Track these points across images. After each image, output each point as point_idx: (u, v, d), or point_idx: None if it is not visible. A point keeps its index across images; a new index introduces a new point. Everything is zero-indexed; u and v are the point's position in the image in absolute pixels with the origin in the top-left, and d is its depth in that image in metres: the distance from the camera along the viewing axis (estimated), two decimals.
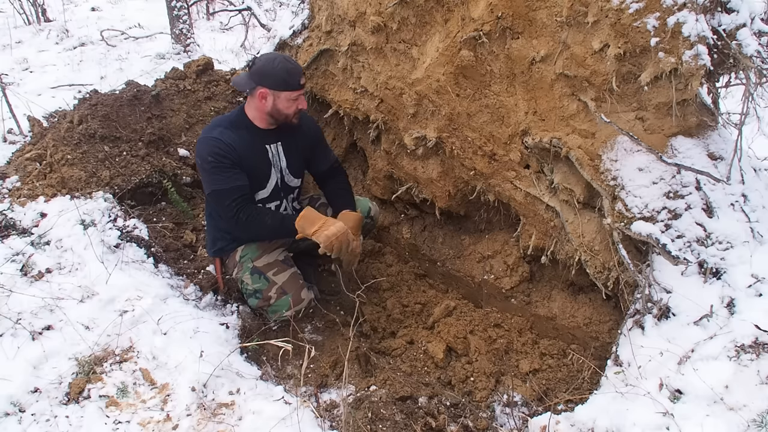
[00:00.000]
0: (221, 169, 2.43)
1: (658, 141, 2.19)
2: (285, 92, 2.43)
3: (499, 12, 2.27)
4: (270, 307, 2.57)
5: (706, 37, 1.93)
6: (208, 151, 2.43)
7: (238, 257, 2.62)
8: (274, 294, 2.54)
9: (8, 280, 2.44)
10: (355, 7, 2.82)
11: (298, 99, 2.48)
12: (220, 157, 2.41)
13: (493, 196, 2.82)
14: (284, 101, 2.45)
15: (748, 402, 1.67)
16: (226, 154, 2.42)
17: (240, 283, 2.63)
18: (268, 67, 2.41)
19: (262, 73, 2.42)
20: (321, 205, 2.88)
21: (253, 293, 2.58)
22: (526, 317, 2.84)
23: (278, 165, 2.64)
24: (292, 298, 2.55)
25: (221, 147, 2.42)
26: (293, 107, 2.49)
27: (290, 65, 2.44)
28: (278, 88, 2.42)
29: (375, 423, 2.13)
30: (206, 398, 2.09)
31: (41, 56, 6.48)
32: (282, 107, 2.47)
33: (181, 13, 6.52)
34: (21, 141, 3.83)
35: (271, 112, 2.49)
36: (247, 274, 2.57)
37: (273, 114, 2.50)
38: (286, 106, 2.47)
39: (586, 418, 1.85)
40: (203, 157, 2.44)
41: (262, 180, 2.60)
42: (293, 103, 2.48)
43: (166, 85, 3.66)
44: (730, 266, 1.98)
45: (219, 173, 2.43)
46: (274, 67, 2.41)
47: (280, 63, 2.42)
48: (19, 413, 1.98)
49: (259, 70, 2.42)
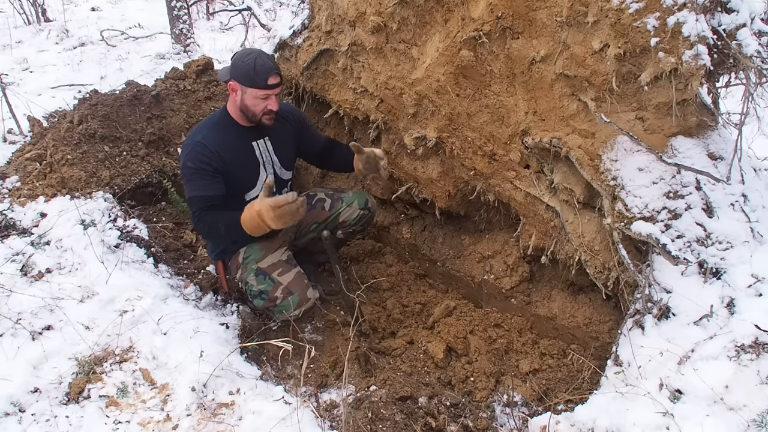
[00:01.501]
0: (198, 177, 2.39)
1: (658, 141, 2.19)
2: (251, 89, 2.36)
3: (499, 12, 2.27)
4: (276, 308, 2.56)
5: (706, 37, 1.93)
6: (189, 157, 2.39)
7: (241, 259, 2.61)
8: (281, 294, 2.54)
9: (8, 280, 2.44)
10: (355, 7, 2.82)
11: (267, 99, 2.40)
12: (200, 164, 2.38)
13: (493, 196, 2.82)
14: (251, 98, 2.39)
15: (748, 402, 1.67)
16: (209, 161, 2.39)
17: (244, 284, 2.60)
18: (240, 60, 2.36)
19: (234, 66, 2.38)
20: (318, 201, 2.88)
21: (259, 294, 2.56)
22: (526, 317, 2.84)
23: (269, 161, 2.60)
24: (299, 297, 2.54)
25: (204, 153, 2.39)
26: (261, 106, 2.41)
27: (261, 61, 2.34)
28: (245, 83, 2.36)
29: (375, 423, 2.13)
30: (206, 398, 2.09)
31: (41, 56, 6.47)
32: (249, 104, 2.41)
33: (181, 13, 6.52)
34: (21, 141, 3.83)
35: (241, 108, 2.44)
36: (252, 276, 2.56)
37: (243, 110, 2.45)
38: (253, 104, 2.40)
39: (586, 418, 1.85)
40: (184, 163, 2.41)
41: (252, 179, 2.57)
42: (261, 102, 2.40)
43: (166, 85, 3.66)
44: (730, 266, 1.98)
45: (194, 179, 2.39)
46: (245, 62, 2.34)
47: (253, 59, 2.34)
48: (19, 413, 1.98)
49: (234, 62, 2.38)
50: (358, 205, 2.87)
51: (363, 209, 2.88)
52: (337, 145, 2.94)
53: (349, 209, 2.86)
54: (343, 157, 2.85)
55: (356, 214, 2.87)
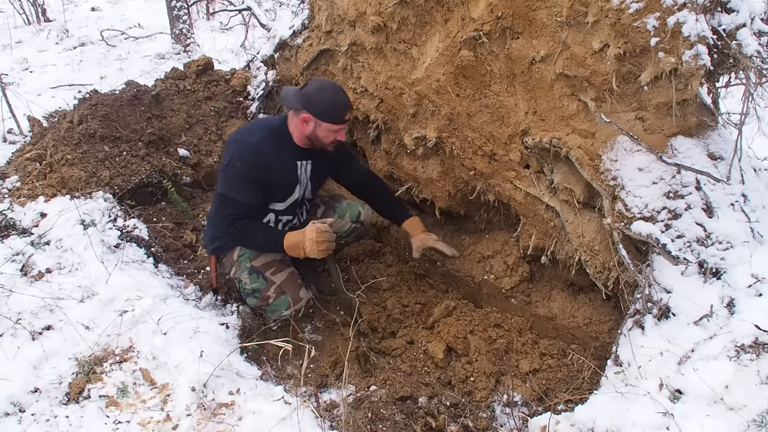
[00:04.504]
0: (242, 181, 2.41)
1: (658, 141, 2.19)
2: (327, 123, 2.42)
3: (499, 12, 2.27)
4: (269, 307, 2.57)
5: (706, 37, 1.93)
6: (240, 157, 2.40)
7: (236, 256, 2.61)
8: (273, 293, 2.55)
9: (8, 280, 2.44)
10: (355, 7, 2.83)
11: (338, 131, 2.47)
12: (248, 167, 2.40)
13: (493, 196, 2.82)
14: (324, 131, 2.44)
15: (748, 402, 1.67)
16: (255, 168, 2.41)
17: (238, 282, 2.62)
18: (317, 94, 2.38)
19: (309, 99, 2.38)
20: (313, 206, 2.88)
21: (252, 293, 2.58)
22: (526, 317, 2.83)
23: (304, 182, 2.64)
24: (291, 297, 2.55)
25: (254, 158, 2.41)
26: (332, 137, 2.47)
27: (339, 98, 2.42)
28: (321, 118, 2.40)
29: (375, 423, 2.13)
30: (206, 398, 2.09)
31: (41, 56, 6.47)
32: (321, 135, 2.46)
33: (181, 13, 6.52)
34: (21, 141, 3.83)
35: (310, 137, 2.48)
36: (245, 274, 2.57)
37: (311, 138, 2.49)
38: (325, 136, 2.46)
39: (586, 418, 1.85)
40: (232, 159, 2.41)
41: (285, 194, 2.60)
42: (333, 134, 2.46)
43: (166, 85, 3.66)
44: (730, 266, 1.98)
45: (238, 182, 2.42)
46: (323, 97, 2.38)
47: (330, 94, 2.39)
48: (19, 413, 1.98)
49: (308, 95, 2.39)
50: (350, 218, 2.84)
51: (355, 222, 2.86)
52: (376, 183, 2.95)
53: (341, 221, 2.83)
54: (383, 209, 2.96)
55: (347, 227, 2.85)
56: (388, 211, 2.97)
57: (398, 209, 2.93)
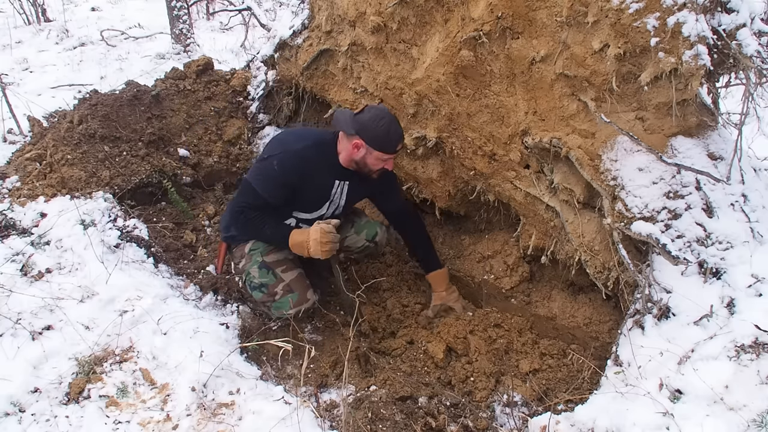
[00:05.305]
0: (272, 180, 2.44)
1: (658, 141, 2.19)
2: (379, 152, 2.44)
3: (499, 12, 2.27)
4: (274, 303, 2.57)
5: (706, 37, 1.93)
6: (280, 160, 2.43)
7: (247, 249, 2.62)
8: (281, 290, 2.55)
9: (8, 280, 2.44)
10: (355, 7, 2.83)
11: (387, 161, 2.49)
12: (284, 171, 2.43)
13: (493, 196, 2.82)
14: (374, 159, 2.46)
15: (748, 402, 1.67)
16: (291, 175, 2.44)
17: (246, 274, 2.61)
18: (373, 123, 2.40)
19: (364, 126, 2.40)
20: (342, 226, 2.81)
21: (259, 287, 2.57)
22: (526, 317, 2.83)
23: (337, 202, 2.65)
24: (298, 296, 2.55)
25: (294, 166, 2.44)
26: (380, 165, 2.50)
27: (394, 129, 2.43)
28: (374, 146, 2.42)
29: (375, 423, 2.13)
30: (206, 398, 2.09)
31: (41, 56, 6.47)
32: (370, 162, 2.48)
33: (181, 13, 6.52)
34: (21, 141, 3.82)
35: (358, 162, 2.50)
36: (255, 267, 2.57)
37: (359, 164, 2.51)
38: (374, 164, 2.49)
39: (586, 418, 1.85)
40: (272, 158, 2.45)
41: (312, 207, 2.62)
42: (382, 163, 2.49)
43: (166, 85, 3.66)
44: (730, 266, 1.98)
45: (268, 179, 2.45)
46: (378, 126, 2.39)
47: (386, 125, 2.40)
48: (19, 413, 1.98)
49: (363, 122, 2.41)
50: (366, 237, 2.84)
51: (369, 241, 2.85)
52: (411, 221, 2.92)
53: (356, 236, 2.83)
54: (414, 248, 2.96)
55: (361, 243, 2.85)
56: (417, 254, 2.98)
57: (428, 256, 2.91)
